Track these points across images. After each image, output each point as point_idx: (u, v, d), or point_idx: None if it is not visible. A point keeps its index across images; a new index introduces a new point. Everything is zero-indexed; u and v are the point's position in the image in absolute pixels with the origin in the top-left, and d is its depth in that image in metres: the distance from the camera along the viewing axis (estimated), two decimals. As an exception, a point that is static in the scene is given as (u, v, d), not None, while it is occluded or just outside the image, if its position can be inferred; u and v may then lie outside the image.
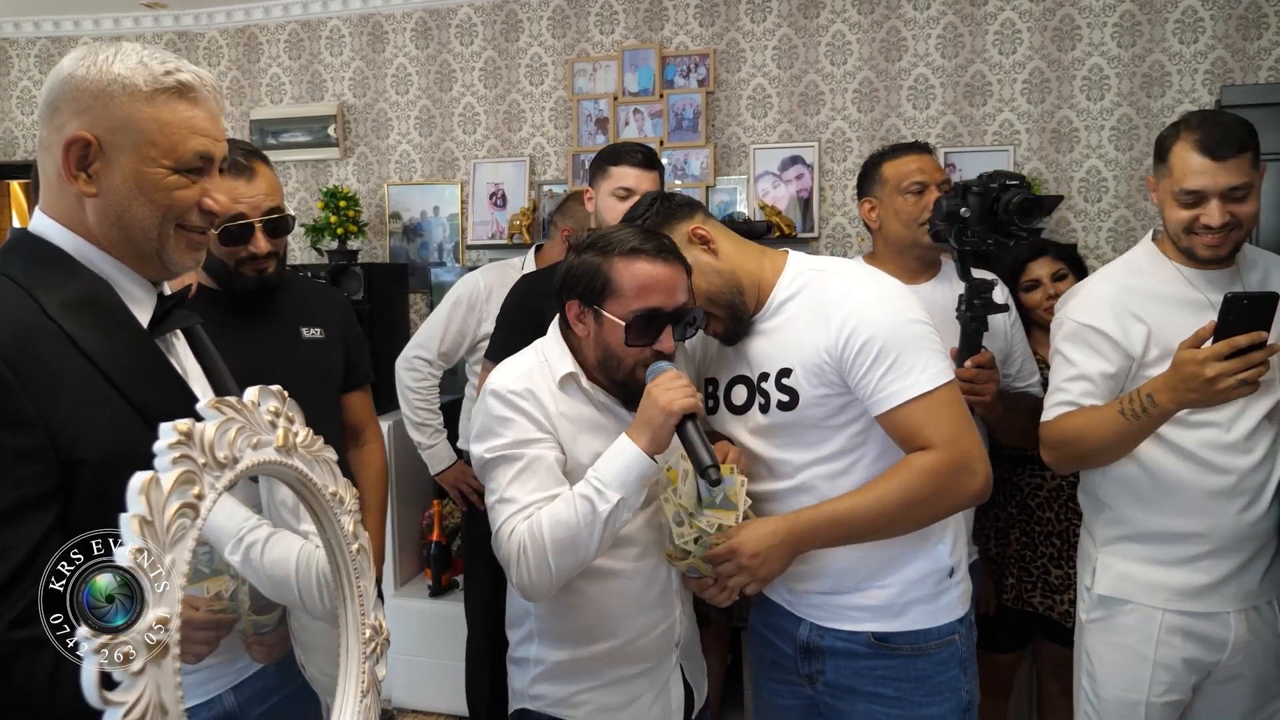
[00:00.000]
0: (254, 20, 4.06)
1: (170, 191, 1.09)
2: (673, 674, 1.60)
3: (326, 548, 1.02)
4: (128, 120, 1.06)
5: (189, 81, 1.10)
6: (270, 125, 4.01)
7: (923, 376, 1.43)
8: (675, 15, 3.62)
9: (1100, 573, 1.81)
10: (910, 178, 2.07)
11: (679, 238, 1.55)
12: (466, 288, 2.79)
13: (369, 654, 1.02)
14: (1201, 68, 3.12)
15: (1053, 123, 3.28)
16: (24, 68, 4.24)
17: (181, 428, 0.78)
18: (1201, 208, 1.67)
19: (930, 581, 1.54)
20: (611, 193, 2.18)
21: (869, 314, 1.46)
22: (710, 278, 1.55)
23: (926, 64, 3.39)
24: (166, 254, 1.11)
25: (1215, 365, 1.52)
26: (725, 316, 1.56)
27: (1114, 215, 3.25)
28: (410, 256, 3.95)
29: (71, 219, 1.09)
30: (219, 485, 0.81)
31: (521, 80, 3.80)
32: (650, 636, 1.56)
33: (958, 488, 1.44)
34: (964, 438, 1.44)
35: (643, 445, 1.39)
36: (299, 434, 0.94)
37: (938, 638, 1.54)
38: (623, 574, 1.53)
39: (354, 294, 3.57)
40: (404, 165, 3.97)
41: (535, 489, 1.43)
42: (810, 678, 1.61)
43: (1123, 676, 1.78)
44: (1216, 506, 1.70)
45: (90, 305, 1.05)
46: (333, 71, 4.01)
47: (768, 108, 3.55)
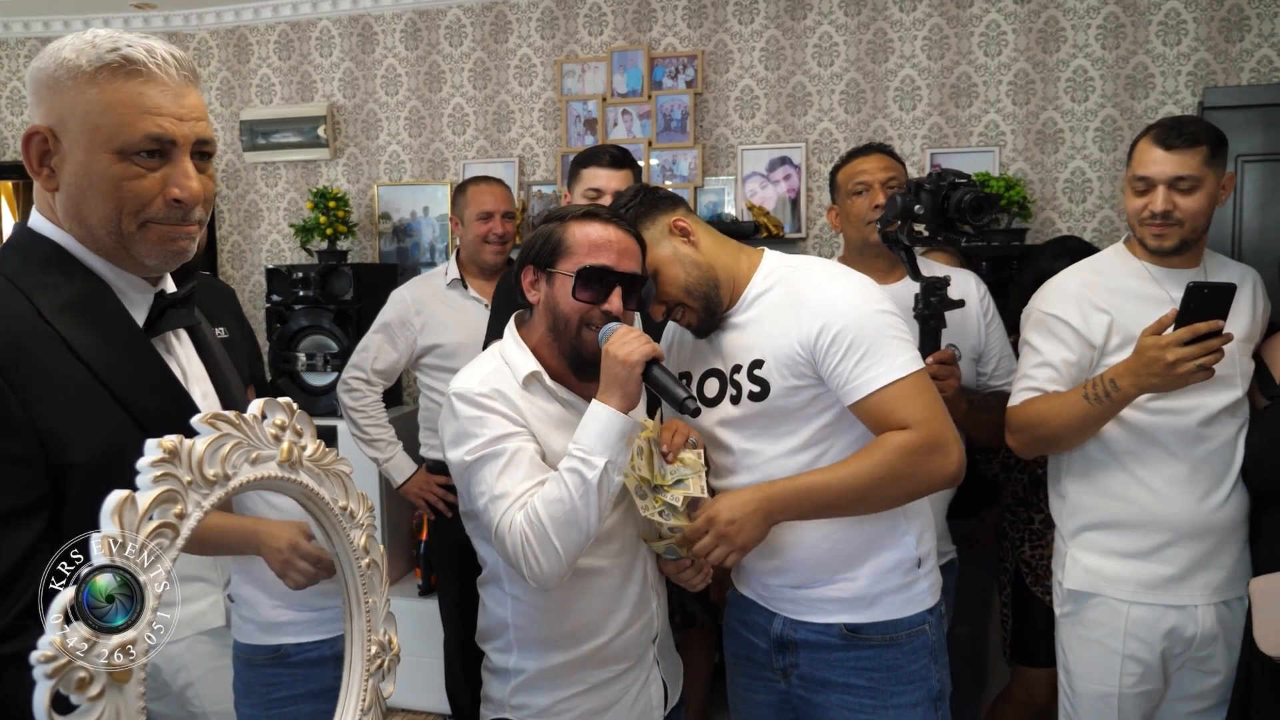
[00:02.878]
0: (244, 21, 4.07)
1: (119, 182, 1.00)
2: (651, 671, 1.62)
3: (336, 562, 0.99)
4: (73, 105, 0.99)
5: (134, 56, 0.99)
6: (260, 126, 4.01)
7: (894, 364, 1.46)
8: (663, 17, 3.63)
9: (1069, 567, 1.86)
10: (855, 179, 2.13)
11: (660, 228, 1.59)
12: (394, 308, 2.84)
13: (373, 670, 0.99)
14: (1184, 69, 3.15)
15: (1038, 124, 3.31)
16: (13, 68, 4.24)
17: (167, 445, 0.75)
18: (1150, 195, 1.75)
19: (899, 572, 1.56)
20: (583, 194, 2.21)
21: (841, 306, 1.49)
22: (688, 269, 1.58)
23: (913, 65, 3.41)
24: (136, 251, 1.04)
25: (1176, 350, 1.60)
26: (699, 308, 1.59)
27: (1098, 216, 3.27)
28: (400, 257, 3.96)
29: (50, 215, 1.05)
30: (205, 503, 0.77)
31: (510, 81, 3.81)
32: (630, 633, 1.56)
33: (931, 466, 1.46)
34: (938, 419, 1.47)
35: (615, 404, 1.39)
36: (306, 447, 0.90)
37: (908, 627, 1.56)
38: (603, 571, 1.53)
39: (344, 294, 3.58)
40: (394, 166, 3.98)
41: (523, 478, 1.42)
42: (784, 671, 1.62)
43: (1095, 669, 1.81)
44: (1175, 493, 1.75)
45: (86, 306, 1.01)
46: (322, 72, 4.01)
47: (755, 109, 3.57)
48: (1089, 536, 1.83)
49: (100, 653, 0.67)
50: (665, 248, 1.58)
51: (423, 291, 2.85)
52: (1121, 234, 3.20)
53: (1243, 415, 1.78)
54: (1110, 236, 3.24)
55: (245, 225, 4.18)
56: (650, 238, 1.58)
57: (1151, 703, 1.82)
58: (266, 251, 4.16)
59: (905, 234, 1.92)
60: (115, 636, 0.68)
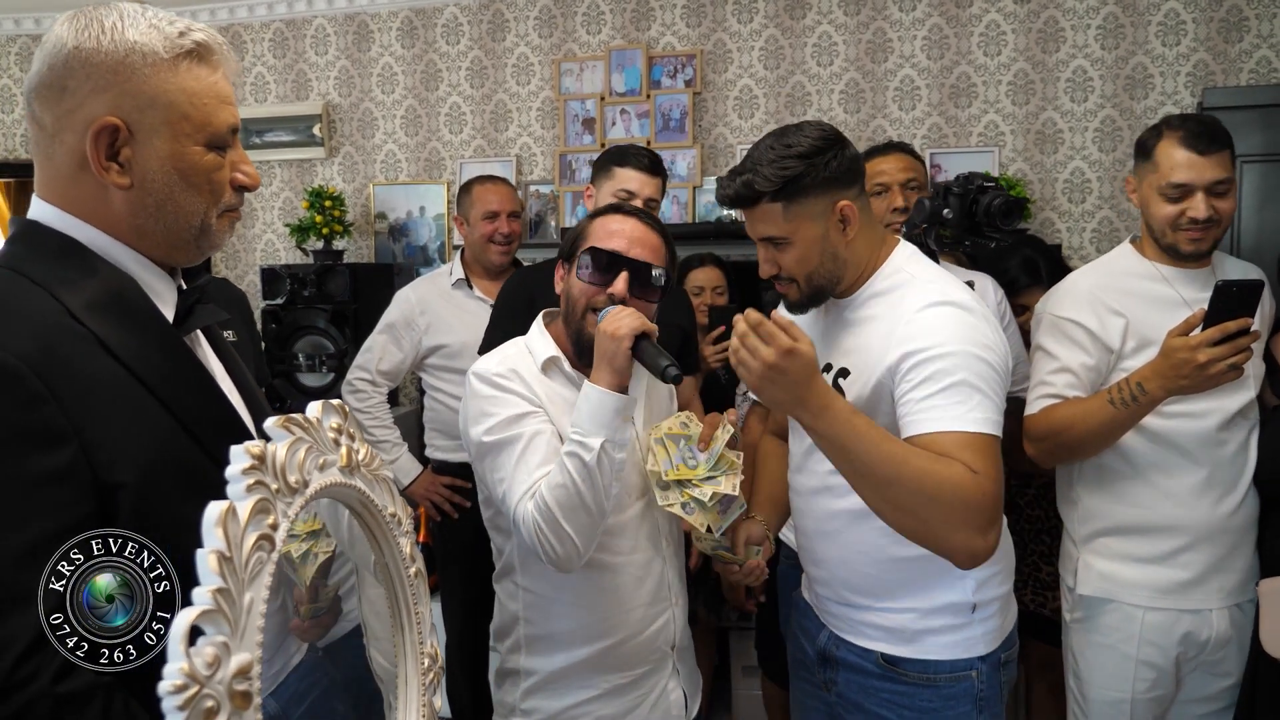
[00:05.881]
0: (238, 19, 4.04)
1: (210, 174, 0.97)
2: (670, 680, 1.59)
3: (384, 571, 0.95)
4: (156, 95, 0.93)
5: (206, 42, 0.96)
6: (255, 124, 3.98)
7: (969, 416, 1.29)
8: (662, 15, 3.61)
9: (1082, 573, 1.83)
10: (874, 179, 2.11)
11: (826, 203, 1.42)
12: (399, 308, 2.83)
13: (428, 684, 0.95)
14: (1184, 70, 3.15)
15: (1037, 124, 3.30)
16: (4, 66, 4.19)
17: (254, 450, 0.70)
18: (1187, 201, 1.70)
19: (949, 613, 1.47)
20: (613, 194, 2.18)
21: (936, 336, 1.35)
22: (825, 260, 1.45)
23: (912, 65, 3.40)
24: (207, 240, 1.01)
25: (1207, 351, 1.55)
26: (806, 293, 1.49)
27: (1098, 216, 3.27)
28: (396, 256, 3.94)
29: (88, 211, 0.95)
30: (291, 512, 0.72)
31: (508, 80, 3.79)
32: (645, 635, 1.54)
33: (962, 520, 1.26)
34: (998, 489, 1.29)
35: (604, 382, 1.38)
36: (360, 452, 0.86)
37: (949, 671, 1.47)
38: (614, 567, 1.52)
39: (340, 295, 3.55)
40: (390, 165, 3.95)
41: (538, 465, 1.42)
42: (826, 684, 1.60)
43: (1107, 675, 1.79)
44: (1192, 498, 1.73)
45: (116, 304, 0.93)
46: (318, 71, 3.98)
47: (754, 108, 3.56)
48: (1103, 542, 1.81)
49: (222, 677, 0.62)
50: (817, 228, 1.43)
51: (427, 291, 2.84)
52: (1121, 235, 3.22)
53: (1254, 417, 1.77)
54: (1109, 237, 3.24)
55: (240, 225, 4.15)
56: (810, 209, 1.42)
57: (1163, 707, 1.81)
58: (261, 251, 4.13)
59: (932, 238, 1.87)
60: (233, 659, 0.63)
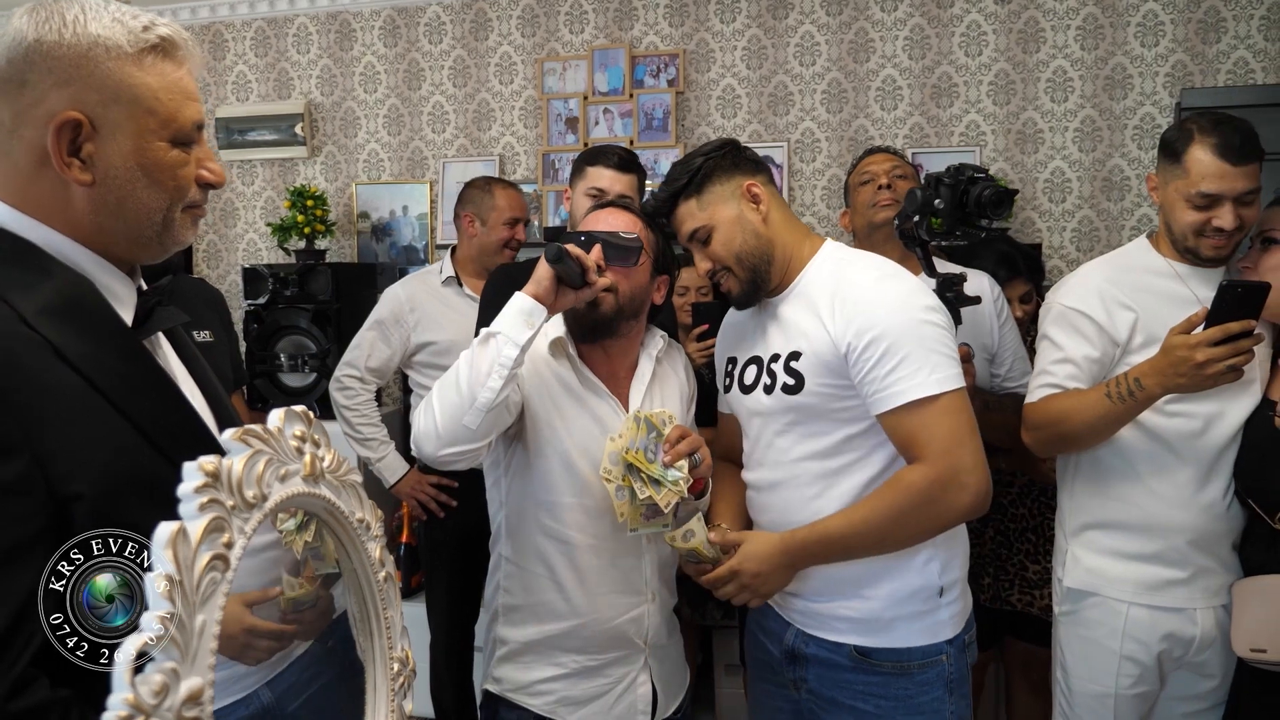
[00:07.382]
0: (219, 17, 4.01)
1: (175, 170, 0.96)
2: (640, 674, 1.60)
3: (351, 577, 0.93)
4: (120, 90, 0.91)
5: (171, 37, 0.95)
6: (236, 124, 3.96)
7: (929, 379, 1.39)
8: (645, 15, 3.62)
9: (1070, 565, 1.83)
10: (862, 174, 2.26)
11: (733, 187, 1.56)
12: (388, 304, 2.81)
13: (397, 689, 0.94)
14: (1162, 70, 3.17)
15: (1018, 124, 3.32)
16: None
17: (208, 467, 0.68)
18: (1215, 210, 1.68)
19: (919, 599, 1.50)
20: (585, 192, 2.17)
21: (882, 309, 1.42)
22: (747, 236, 1.55)
23: (894, 65, 3.42)
24: (170, 236, 0.99)
25: (1206, 350, 1.53)
26: (745, 279, 1.56)
27: (1078, 215, 3.29)
28: (379, 256, 3.92)
29: (47, 209, 0.93)
30: (248, 529, 0.70)
31: (491, 79, 3.78)
32: (615, 623, 1.56)
33: (946, 503, 1.40)
34: (957, 450, 1.39)
35: (527, 290, 1.44)
36: (325, 458, 0.85)
37: (922, 657, 1.50)
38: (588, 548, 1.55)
39: (322, 294, 3.54)
40: (372, 164, 3.94)
41: None
42: (795, 683, 1.59)
43: (1091, 669, 1.80)
44: (1181, 499, 1.72)
45: (72, 308, 0.90)
46: (300, 70, 3.97)
47: (737, 108, 3.56)
48: (1091, 536, 1.81)
49: (170, 705, 0.61)
50: (731, 208, 1.54)
51: (417, 289, 2.83)
52: (1101, 234, 3.24)
53: None
54: (1089, 236, 3.27)
55: (221, 224, 4.12)
56: (719, 194, 1.55)
57: (1148, 704, 1.81)
58: (243, 251, 4.11)
59: (924, 229, 1.88)
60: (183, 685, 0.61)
